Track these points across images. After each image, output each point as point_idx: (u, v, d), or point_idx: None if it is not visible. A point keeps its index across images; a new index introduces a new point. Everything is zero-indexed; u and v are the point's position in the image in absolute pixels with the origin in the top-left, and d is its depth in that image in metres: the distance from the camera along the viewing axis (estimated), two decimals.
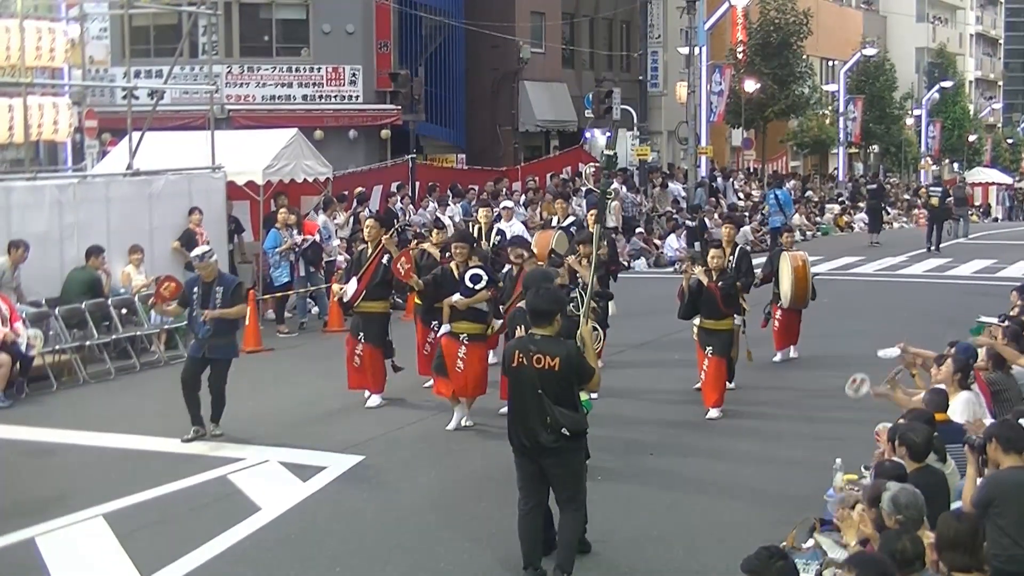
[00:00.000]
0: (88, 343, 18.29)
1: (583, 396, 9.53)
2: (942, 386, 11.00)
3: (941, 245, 38.05)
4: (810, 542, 8.73)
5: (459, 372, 14.24)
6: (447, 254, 15.66)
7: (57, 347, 17.78)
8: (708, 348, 15.11)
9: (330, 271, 23.08)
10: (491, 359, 15.63)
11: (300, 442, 13.97)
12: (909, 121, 74.63)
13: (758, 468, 12.93)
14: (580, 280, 14.50)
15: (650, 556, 10.15)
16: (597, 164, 37.29)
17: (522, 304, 10.53)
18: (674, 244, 34.04)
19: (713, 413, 14.93)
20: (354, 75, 35.82)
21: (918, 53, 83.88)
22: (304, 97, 35.68)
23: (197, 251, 14.75)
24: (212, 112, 23.43)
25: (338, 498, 12.03)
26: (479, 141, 43.02)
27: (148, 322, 19.54)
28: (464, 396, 14.44)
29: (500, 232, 19.74)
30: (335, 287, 16.75)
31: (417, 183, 32.37)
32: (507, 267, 15.93)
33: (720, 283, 15.12)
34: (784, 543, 8.88)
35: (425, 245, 16.73)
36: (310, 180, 24.71)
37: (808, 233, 42.02)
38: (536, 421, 9.01)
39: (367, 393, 15.77)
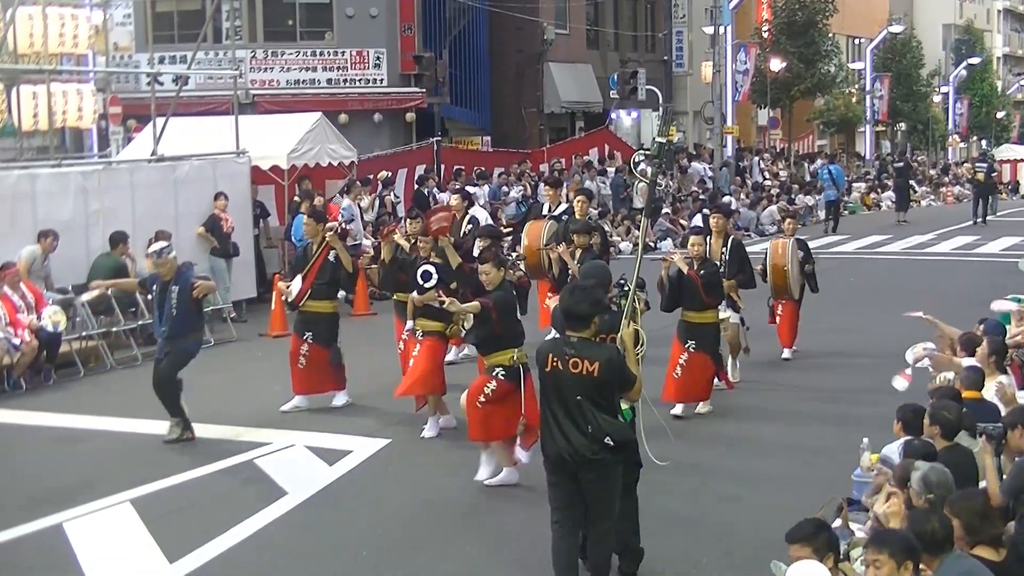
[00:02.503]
0: (114, 329, 18.33)
1: (623, 406, 8.69)
2: (978, 364, 10.92)
3: (987, 218, 39.27)
4: (837, 522, 8.68)
5: (410, 368, 13.43)
6: None
7: (84, 333, 17.83)
8: (690, 343, 14.02)
9: (355, 255, 23.01)
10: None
11: (326, 426, 13.97)
12: (936, 99, 74.20)
13: (782, 453, 12.89)
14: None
15: (677, 539, 10.10)
16: (647, 151, 36.89)
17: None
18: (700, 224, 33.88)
19: (678, 409, 14.03)
20: (378, 58, 35.75)
21: (945, 30, 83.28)
22: (328, 81, 35.62)
23: (154, 247, 13.86)
24: (236, 97, 23.44)
25: (364, 482, 12.03)
26: (504, 123, 42.94)
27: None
28: (411, 393, 13.54)
29: (473, 220, 18.64)
30: (280, 285, 15.81)
31: (442, 166, 32.36)
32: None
33: (701, 271, 13.97)
34: None
35: (396, 237, 15.16)
36: (335, 164, 24.74)
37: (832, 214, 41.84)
38: (576, 430, 8.27)
39: (334, 394, 15.04)
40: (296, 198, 23.26)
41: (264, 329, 20.02)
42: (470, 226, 18.16)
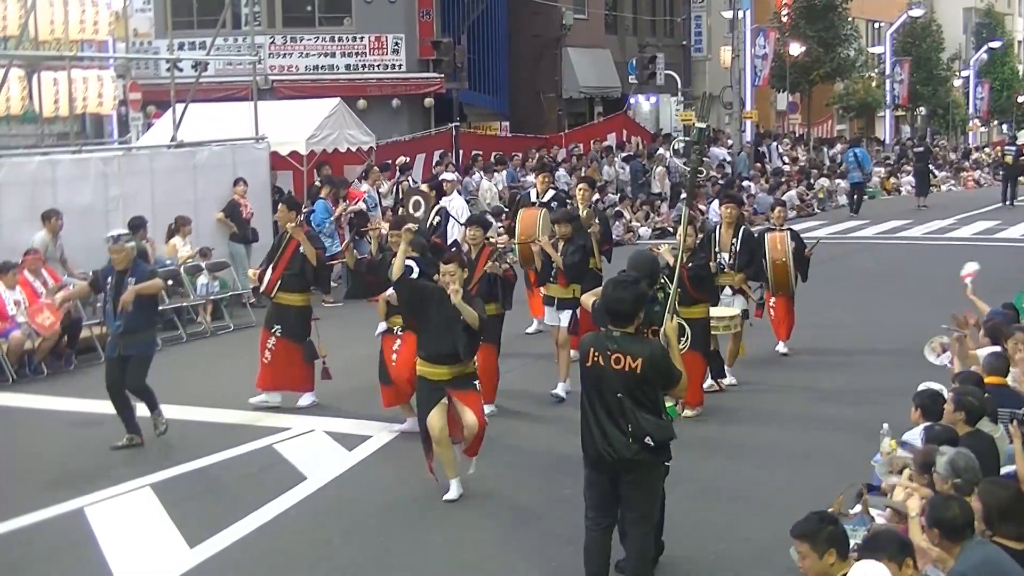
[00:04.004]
0: None
1: (668, 403, 8.39)
2: (999, 349, 10.90)
3: (1015, 201, 40.04)
4: (857, 508, 8.67)
5: (394, 366, 12.68)
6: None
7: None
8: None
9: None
10: None
11: (345, 412, 14.00)
12: (957, 83, 73.85)
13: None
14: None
15: (693, 523, 10.11)
16: (686, 139, 36.77)
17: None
18: (718, 210, 33.78)
19: (687, 413, 12.90)
20: (397, 44, 35.75)
21: (965, 14, 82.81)
22: (347, 67, 35.63)
23: (112, 232, 13.09)
24: (255, 83, 23.49)
25: (383, 468, 12.06)
26: (522, 108, 42.88)
27: (194, 293, 19.66)
28: (408, 392, 12.56)
29: (442, 211, 18.17)
30: (251, 273, 15.21)
31: (461, 151, 32.35)
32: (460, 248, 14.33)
33: (690, 264, 12.87)
34: (831, 509, 8.82)
35: (386, 227, 14.67)
36: (353, 150, 24.77)
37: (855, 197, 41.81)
38: (616, 429, 8.01)
39: (299, 394, 14.40)
40: (316, 183, 23.29)
41: None
42: (438, 218, 17.72)
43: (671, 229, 32.37)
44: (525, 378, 15.22)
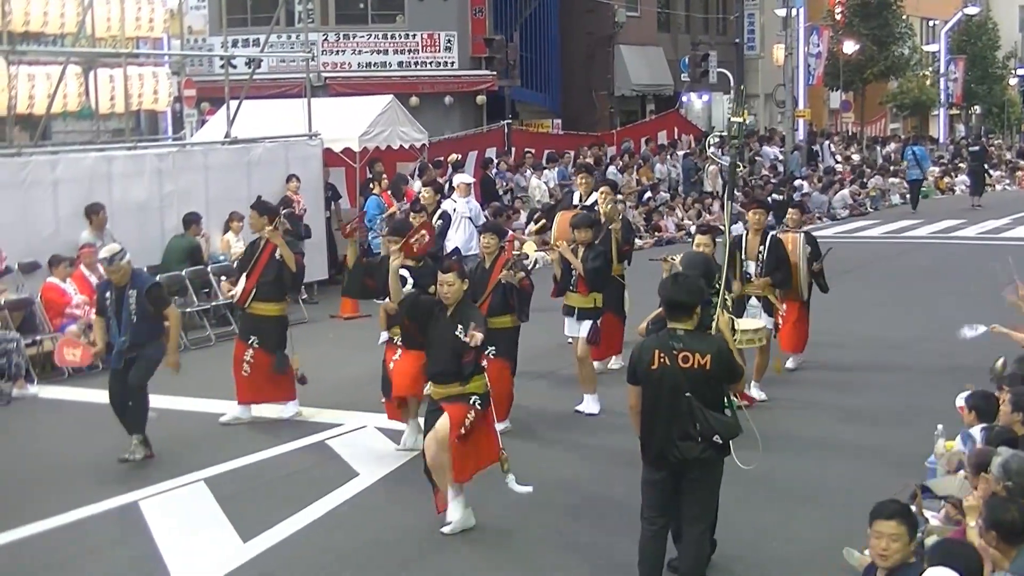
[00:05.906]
0: (188, 310, 18.48)
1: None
2: None
3: None
4: (911, 509, 8.59)
5: (391, 370, 12.34)
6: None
7: None
8: None
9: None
10: None
11: None
12: (1012, 81, 73.12)
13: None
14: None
15: (746, 522, 10.05)
16: (722, 133, 36.67)
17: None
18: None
19: None
20: (449, 41, 35.80)
21: (1022, 11, 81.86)
22: (399, 64, 35.72)
23: (105, 252, 12.53)
24: (308, 80, 23.60)
25: None
26: (574, 106, 42.84)
27: None
28: (405, 394, 12.25)
29: (444, 215, 17.72)
30: (224, 285, 14.53)
31: (513, 149, 32.37)
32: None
33: None
34: None
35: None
36: (406, 147, 24.81)
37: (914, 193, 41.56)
38: (682, 429, 7.92)
39: (282, 404, 13.94)
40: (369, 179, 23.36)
41: (336, 311, 20.13)
42: (440, 221, 17.40)
43: (721, 227, 32.20)
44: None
